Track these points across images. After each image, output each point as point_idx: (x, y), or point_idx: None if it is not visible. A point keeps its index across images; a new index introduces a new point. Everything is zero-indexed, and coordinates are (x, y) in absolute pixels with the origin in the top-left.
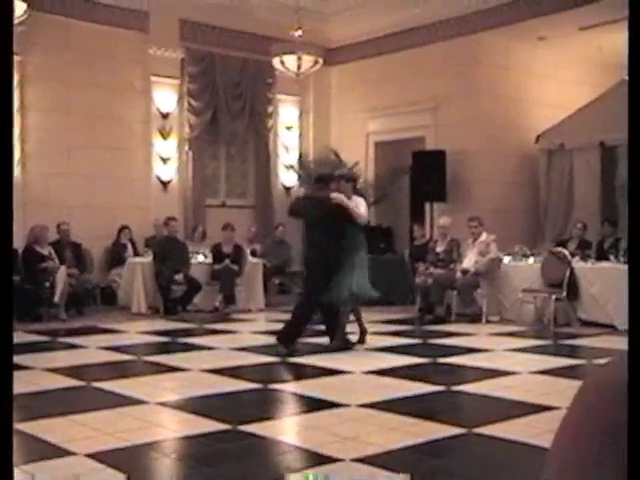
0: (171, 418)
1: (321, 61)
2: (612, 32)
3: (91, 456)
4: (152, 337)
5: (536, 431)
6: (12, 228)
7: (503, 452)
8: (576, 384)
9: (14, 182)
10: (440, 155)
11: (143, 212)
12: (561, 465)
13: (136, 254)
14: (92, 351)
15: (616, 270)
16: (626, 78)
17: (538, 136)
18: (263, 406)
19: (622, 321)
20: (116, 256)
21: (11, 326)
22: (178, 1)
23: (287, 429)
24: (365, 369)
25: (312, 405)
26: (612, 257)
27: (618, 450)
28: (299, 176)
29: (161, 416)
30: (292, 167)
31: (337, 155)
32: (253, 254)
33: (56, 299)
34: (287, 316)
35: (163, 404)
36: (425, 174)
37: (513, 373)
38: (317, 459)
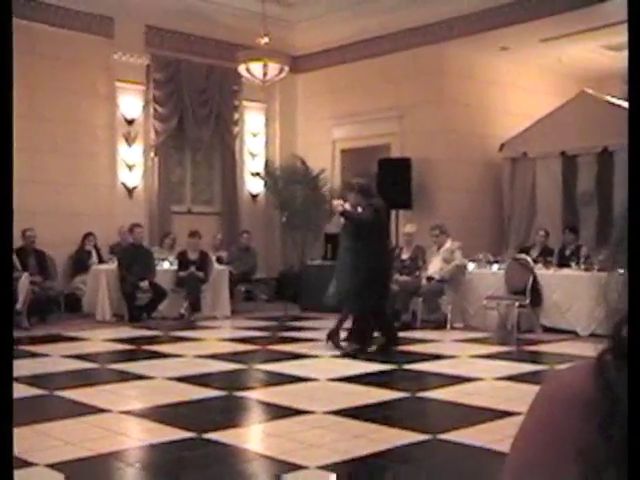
0: (135, 427)
1: (287, 68)
2: (572, 44)
3: (52, 466)
4: (116, 345)
5: (500, 437)
6: (12, 229)
7: (467, 458)
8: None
9: None
10: (405, 163)
11: (108, 219)
12: (516, 472)
13: (101, 261)
14: (55, 359)
15: (577, 277)
16: (586, 90)
17: (502, 144)
18: (228, 414)
19: (583, 327)
20: (80, 263)
21: (11, 327)
22: (144, 7)
23: (252, 437)
24: (330, 376)
25: (277, 412)
26: (573, 264)
27: (570, 457)
28: (265, 183)
29: (125, 425)
30: (258, 174)
31: (303, 162)
32: (219, 261)
33: (18, 306)
34: (253, 323)
35: (127, 412)
36: (391, 182)
37: (477, 379)
38: (282, 467)
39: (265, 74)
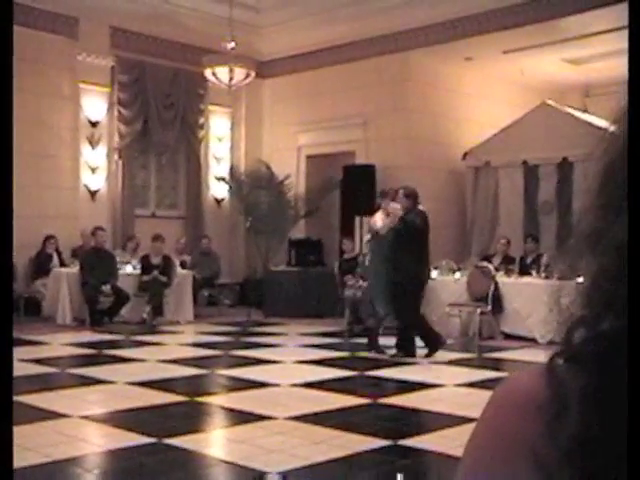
0: (95, 432)
1: (253, 73)
2: (533, 57)
3: None
4: (77, 349)
5: (460, 443)
6: (12, 231)
7: (428, 464)
8: None
9: None
10: (370, 169)
11: (70, 221)
12: (469, 477)
13: (62, 264)
14: (14, 363)
15: (538, 285)
16: (547, 101)
17: (465, 153)
18: (189, 419)
19: (542, 334)
20: (41, 266)
21: (11, 329)
22: (109, 8)
23: (213, 442)
24: (292, 382)
25: (239, 418)
26: (534, 272)
27: (522, 460)
28: (230, 188)
29: (84, 430)
30: (223, 179)
31: (268, 167)
32: (182, 265)
33: None
34: (216, 328)
35: (87, 418)
36: (355, 188)
37: (439, 386)
38: (243, 472)
39: (231, 79)
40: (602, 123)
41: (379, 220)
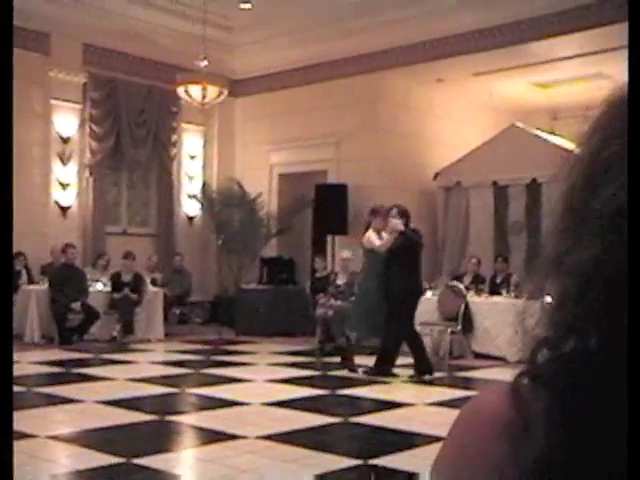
0: (62, 452)
1: (226, 92)
2: (503, 79)
3: None
4: (45, 367)
5: (430, 462)
6: (12, 234)
7: None
8: None
9: None
10: (342, 189)
11: (40, 238)
12: None
13: (31, 281)
14: None
15: (507, 304)
16: (516, 123)
17: (436, 173)
18: (159, 438)
19: (512, 353)
20: None
21: (11, 336)
22: (82, 25)
23: (183, 462)
24: (263, 400)
25: (209, 437)
26: (504, 292)
27: (488, 478)
28: (202, 205)
29: (51, 450)
30: (195, 196)
31: (240, 186)
32: (153, 283)
33: None
34: (187, 346)
35: (54, 437)
36: (327, 207)
37: (409, 405)
38: None
39: (204, 97)
40: (569, 145)
41: (375, 239)
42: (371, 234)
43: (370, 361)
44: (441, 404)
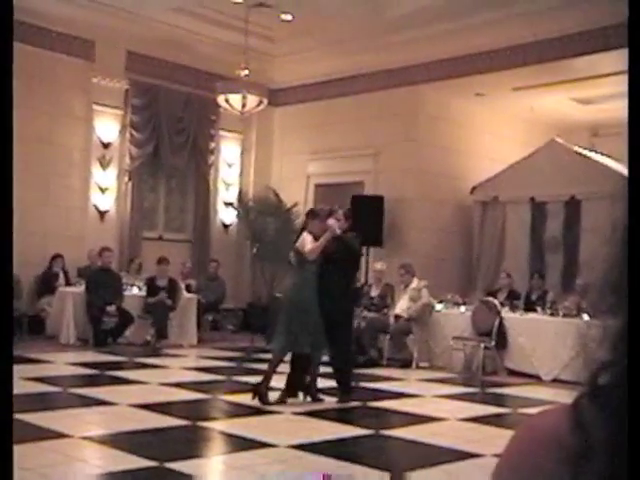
0: (95, 453)
1: (266, 101)
2: (543, 95)
3: None
4: (80, 369)
5: (462, 478)
6: (12, 234)
7: None
8: (502, 432)
9: None
10: (378, 200)
11: (78, 241)
12: None
13: (68, 283)
14: (15, 381)
15: (543, 322)
16: (556, 139)
17: (473, 187)
18: (190, 444)
19: (546, 372)
20: (47, 284)
21: (11, 336)
22: (125, 33)
23: (214, 468)
24: (295, 410)
25: (240, 444)
26: (539, 309)
27: None
28: (238, 213)
29: (84, 451)
30: (231, 204)
31: (276, 195)
32: (188, 289)
33: None
34: (219, 353)
35: (87, 438)
36: (363, 219)
37: (441, 419)
38: None
39: (244, 105)
40: (610, 163)
41: (308, 243)
42: (306, 237)
43: (401, 373)
44: (473, 420)
